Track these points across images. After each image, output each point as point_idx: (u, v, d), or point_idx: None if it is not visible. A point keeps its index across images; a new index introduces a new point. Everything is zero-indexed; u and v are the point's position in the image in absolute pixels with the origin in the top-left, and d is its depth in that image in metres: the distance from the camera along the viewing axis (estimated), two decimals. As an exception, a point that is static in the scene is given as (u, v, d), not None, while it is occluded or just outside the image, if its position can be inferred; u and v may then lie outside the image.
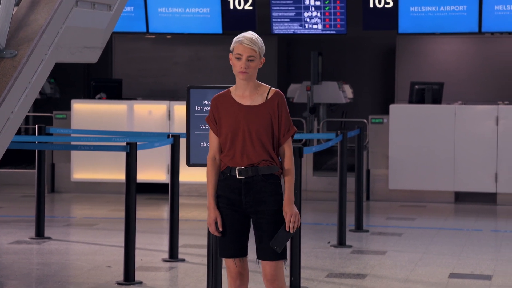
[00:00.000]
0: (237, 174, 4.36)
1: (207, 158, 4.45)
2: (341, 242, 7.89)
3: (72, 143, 8.43)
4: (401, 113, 10.72)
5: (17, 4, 5.40)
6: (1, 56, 4.99)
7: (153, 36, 12.88)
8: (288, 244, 6.30)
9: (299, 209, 6.20)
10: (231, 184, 4.37)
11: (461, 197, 10.72)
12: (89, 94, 11.69)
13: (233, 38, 4.44)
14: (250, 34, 4.39)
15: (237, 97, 4.42)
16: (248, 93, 4.41)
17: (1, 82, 4.88)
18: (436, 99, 11.00)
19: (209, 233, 5.26)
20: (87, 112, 11.17)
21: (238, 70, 4.36)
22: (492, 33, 11.65)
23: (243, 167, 4.36)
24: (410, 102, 11.09)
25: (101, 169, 11.02)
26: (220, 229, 4.36)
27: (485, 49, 12.47)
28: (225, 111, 4.40)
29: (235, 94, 4.43)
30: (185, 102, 5.30)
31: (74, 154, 11.08)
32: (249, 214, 4.38)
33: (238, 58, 4.36)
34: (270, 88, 4.43)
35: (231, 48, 4.41)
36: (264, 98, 4.40)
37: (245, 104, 4.40)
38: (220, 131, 4.40)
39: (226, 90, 4.49)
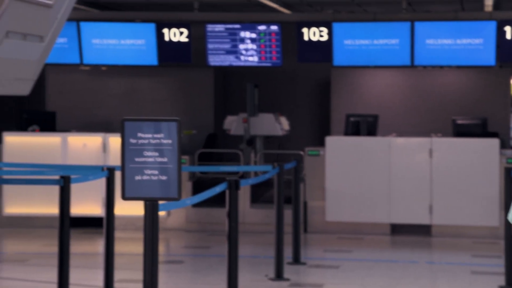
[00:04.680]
0: None
1: None
2: (279, 275, 7.84)
3: (4, 176, 8.22)
4: (337, 145, 10.79)
5: None
6: None
7: (88, 68, 12.75)
8: (225, 277, 6.23)
9: (236, 242, 6.14)
10: None
11: (397, 229, 10.80)
12: (22, 127, 11.48)
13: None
14: None
15: None
16: None
17: None
18: (371, 131, 11.10)
19: (145, 267, 5.14)
20: (19, 144, 10.95)
21: None
22: (425, 67, 11.85)
23: None
24: (346, 134, 11.18)
25: (34, 203, 10.79)
26: None
27: (418, 82, 12.67)
28: None
29: None
30: (120, 134, 5.24)
31: (6, 188, 10.82)
32: None
33: None
34: None
35: None
36: None
37: None
38: None
39: None
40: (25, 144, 10.96)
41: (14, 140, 10.98)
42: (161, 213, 5.61)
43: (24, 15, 5.67)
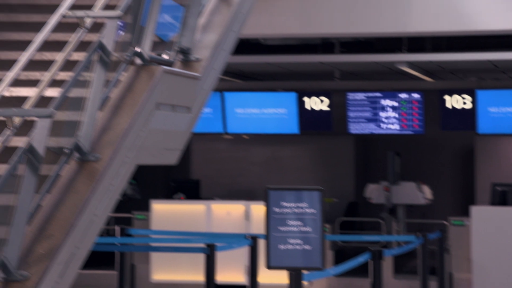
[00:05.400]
0: None
1: None
2: None
3: (152, 244, 8.47)
4: (483, 215, 10.47)
5: (100, 109, 5.52)
6: (86, 159, 5.09)
7: (231, 137, 13.02)
8: None
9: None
10: None
11: (549, 303, 10.29)
12: (168, 194, 11.80)
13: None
14: None
15: None
16: None
17: (85, 184, 4.96)
18: (519, 201, 10.72)
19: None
20: (166, 212, 11.25)
21: None
22: None
23: None
24: (492, 204, 10.84)
25: (180, 269, 10.99)
26: None
27: None
28: None
29: None
30: (262, 202, 5.32)
31: (154, 254, 11.08)
32: None
33: None
34: None
35: None
36: None
37: None
38: None
39: None
40: (171, 212, 11.24)
41: (161, 207, 11.29)
42: (304, 282, 5.61)
43: (174, 88, 5.88)
